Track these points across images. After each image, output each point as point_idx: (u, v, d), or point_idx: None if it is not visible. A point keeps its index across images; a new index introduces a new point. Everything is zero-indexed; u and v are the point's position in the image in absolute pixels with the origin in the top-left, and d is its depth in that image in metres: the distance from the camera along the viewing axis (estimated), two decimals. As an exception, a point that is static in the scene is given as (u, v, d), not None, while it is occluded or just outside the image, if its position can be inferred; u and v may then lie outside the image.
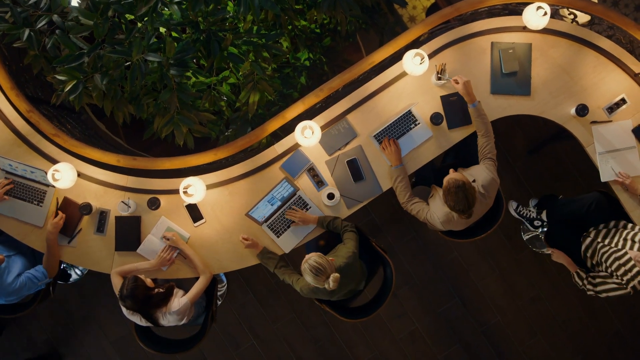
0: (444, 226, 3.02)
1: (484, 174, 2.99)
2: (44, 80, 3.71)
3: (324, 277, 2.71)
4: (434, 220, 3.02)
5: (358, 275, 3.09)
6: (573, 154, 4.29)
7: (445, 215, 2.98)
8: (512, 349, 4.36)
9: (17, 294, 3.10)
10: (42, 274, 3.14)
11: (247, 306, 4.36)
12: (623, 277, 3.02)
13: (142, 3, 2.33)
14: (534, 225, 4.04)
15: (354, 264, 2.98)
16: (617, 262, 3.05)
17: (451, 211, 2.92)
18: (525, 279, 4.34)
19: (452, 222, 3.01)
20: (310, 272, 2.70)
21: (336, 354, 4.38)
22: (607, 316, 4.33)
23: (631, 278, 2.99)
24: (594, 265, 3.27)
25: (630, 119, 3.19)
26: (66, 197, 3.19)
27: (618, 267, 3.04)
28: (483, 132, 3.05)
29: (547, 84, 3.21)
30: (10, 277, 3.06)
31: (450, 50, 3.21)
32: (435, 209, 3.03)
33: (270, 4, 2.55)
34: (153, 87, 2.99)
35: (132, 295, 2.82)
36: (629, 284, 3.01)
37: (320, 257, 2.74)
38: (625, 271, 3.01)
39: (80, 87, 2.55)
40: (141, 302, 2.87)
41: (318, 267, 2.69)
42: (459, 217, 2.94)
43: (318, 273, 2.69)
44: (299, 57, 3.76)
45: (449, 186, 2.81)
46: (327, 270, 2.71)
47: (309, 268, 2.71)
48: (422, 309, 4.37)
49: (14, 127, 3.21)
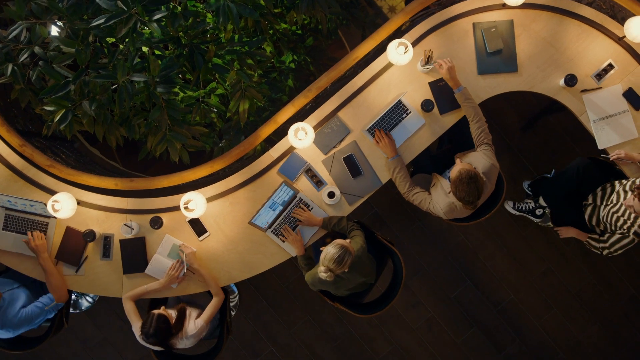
0: (447, 216, 3.02)
1: (482, 160, 2.99)
2: (33, 113, 3.71)
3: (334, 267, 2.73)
4: (437, 210, 3.02)
5: (367, 268, 3.09)
6: (567, 124, 4.29)
7: (448, 205, 2.98)
8: (529, 324, 4.36)
9: (26, 325, 3.08)
10: (49, 299, 3.13)
11: (262, 314, 4.36)
12: (623, 226, 3.04)
13: (121, 25, 2.33)
14: (536, 215, 4.05)
15: (363, 258, 2.98)
16: (616, 216, 3.07)
17: (456, 201, 2.92)
18: (534, 254, 4.34)
19: (455, 211, 3.00)
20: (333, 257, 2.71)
21: (355, 350, 4.38)
22: (619, 282, 4.34)
23: (631, 225, 3.01)
24: (603, 232, 3.28)
25: (620, 83, 3.19)
26: (68, 226, 3.19)
27: (617, 220, 3.06)
28: (472, 116, 3.05)
29: (533, 58, 3.21)
30: (15, 308, 3.05)
31: (433, 36, 3.21)
32: (438, 199, 3.03)
33: (249, 11, 2.55)
34: (142, 107, 2.98)
35: (157, 334, 2.86)
36: (630, 231, 3.03)
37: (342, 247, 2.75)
38: (625, 220, 3.03)
39: (70, 115, 2.55)
40: (165, 337, 2.91)
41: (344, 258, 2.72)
42: (463, 206, 2.93)
43: (339, 262, 2.72)
44: (283, 60, 3.76)
45: (460, 177, 2.78)
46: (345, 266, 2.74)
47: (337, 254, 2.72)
48: (435, 296, 4.37)
49: (9, 162, 3.21)
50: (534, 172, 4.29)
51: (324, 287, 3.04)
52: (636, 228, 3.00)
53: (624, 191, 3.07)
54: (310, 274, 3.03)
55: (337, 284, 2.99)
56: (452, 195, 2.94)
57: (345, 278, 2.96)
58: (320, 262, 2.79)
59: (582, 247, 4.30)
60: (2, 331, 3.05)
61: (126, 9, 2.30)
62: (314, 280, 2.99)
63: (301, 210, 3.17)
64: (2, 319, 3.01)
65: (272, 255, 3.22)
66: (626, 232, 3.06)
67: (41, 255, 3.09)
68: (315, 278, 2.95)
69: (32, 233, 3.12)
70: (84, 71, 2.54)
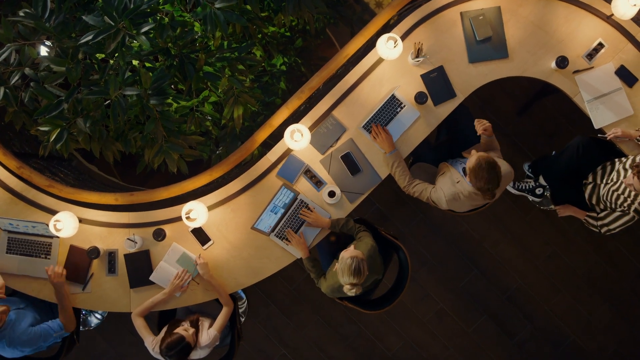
0: (448, 204, 3.01)
1: (504, 165, 2.96)
2: (29, 134, 3.71)
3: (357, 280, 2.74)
4: (439, 198, 3.01)
5: (379, 267, 3.10)
6: (562, 106, 4.29)
7: (452, 195, 2.97)
8: (538, 309, 4.36)
9: (32, 345, 3.04)
10: (59, 326, 3.10)
11: (271, 317, 4.36)
12: (623, 204, 3.04)
13: (109, 40, 2.33)
14: (536, 194, 4.05)
15: (375, 256, 3.00)
16: (616, 194, 3.07)
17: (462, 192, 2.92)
18: (538, 238, 4.34)
19: (457, 202, 3.00)
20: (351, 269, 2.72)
21: (367, 347, 4.38)
22: (625, 260, 4.34)
23: (631, 202, 3.01)
24: (603, 210, 3.28)
25: (611, 61, 3.19)
26: (72, 245, 3.19)
27: (618, 198, 3.07)
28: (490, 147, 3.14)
29: (523, 42, 3.21)
30: (22, 327, 3.02)
31: (421, 28, 3.21)
32: (443, 186, 3.02)
33: (236, 17, 2.55)
34: (137, 121, 2.99)
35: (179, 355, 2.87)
36: (630, 208, 3.03)
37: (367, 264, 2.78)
38: (625, 198, 3.04)
39: (65, 134, 2.55)
40: (186, 355, 2.93)
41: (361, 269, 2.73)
42: (466, 197, 2.93)
43: (356, 273, 2.73)
44: (274, 63, 3.76)
45: (480, 164, 2.76)
46: (362, 278, 2.75)
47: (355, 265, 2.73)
48: (443, 287, 4.37)
49: (7, 185, 3.21)
50: (532, 156, 4.29)
51: (342, 294, 3.05)
52: (636, 205, 3.00)
53: (624, 169, 3.07)
54: (327, 285, 3.04)
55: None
56: (460, 186, 2.94)
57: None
58: (341, 280, 2.79)
59: (586, 227, 4.30)
60: (9, 349, 3.04)
61: (113, 23, 2.30)
62: (332, 290, 3.01)
63: (308, 212, 3.17)
64: (10, 336, 2.99)
65: (277, 259, 3.22)
66: (626, 209, 3.07)
67: (60, 291, 3.07)
68: (334, 288, 2.97)
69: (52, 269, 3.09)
70: (76, 89, 2.54)
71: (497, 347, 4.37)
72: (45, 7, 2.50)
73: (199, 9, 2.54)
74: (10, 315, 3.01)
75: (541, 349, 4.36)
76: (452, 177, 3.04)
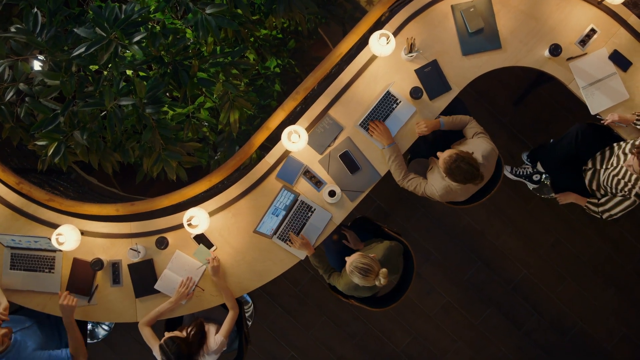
0: (442, 198, 3.03)
1: (483, 145, 2.99)
2: (26, 150, 3.70)
3: (373, 276, 2.74)
4: (433, 192, 3.02)
5: (396, 265, 3.10)
6: (558, 94, 4.29)
7: (444, 189, 2.99)
8: (545, 298, 4.36)
9: None
10: (67, 356, 3.02)
11: (278, 320, 4.36)
12: (624, 189, 3.04)
13: (102, 51, 2.33)
14: (533, 180, 4.05)
15: (393, 255, 3.01)
16: (617, 179, 3.07)
17: (452, 184, 2.93)
18: (541, 227, 4.34)
19: (451, 194, 3.01)
20: (359, 274, 2.74)
21: (376, 345, 4.38)
22: (629, 244, 4.34)
23: (632, 186, 3.01)
24: (603, 196, 3.29)
25: (604, 46, 3.19)
26: (75, 257, 3.19)
27: (618, 183, 3.07)
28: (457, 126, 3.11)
29: (515, 32, 3.21)
30: (28, 351, 2.95)
31: (413, 23, 3.21)
32: (434, 182, 3.04)
33: (227, 22, 2.55)
34: (134, 130, 2.99)
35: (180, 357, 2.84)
36: (631, 193, 3.04)
37: (364, 257, 2.78)
38: (625, 183, 3.04)
39: (63, 147, 2.55)
40: (187, 357, 2.90)
41: (366, 267, 2.74)
42: (458, 187, 2.94)
43: (367, 273, 2.73)
44: (267, 66, 3.76)
45: (449, 163, 2.79)
46: (374, 269, 2.75)
47: (358, 270, 2.74)
48: (448, 280, 4.37)
49: (8, 202, 3.20)
50: (530, 145, 4.29)
51: (360, 293, 3.05)
52: (637, 189, 3.00)
53: (624, 154, 3.07)
54: (344, 283, 3.03)
55: (375, 287, 2.97)
56: (448, 179, 2.96)
57: None
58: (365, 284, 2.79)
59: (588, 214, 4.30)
60: None
61: (105, 34, 2.30)
62: (349, 287, 3.01)
63: (294, 239, 3.15)
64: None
65: (281, 261, 3.22)
66: (627, 194, 3.07)
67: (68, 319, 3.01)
68: (351, 285, 2.97)
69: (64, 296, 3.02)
70: (72, 102, 2.54)
71: (505, 338, 4.37)
72: (37, 21, 2.50)
73: (190, 16, 2.54)
74: (15, 337, 2.94)
75: (549, 337, 4.36)
76: (440, 171, 3.05)
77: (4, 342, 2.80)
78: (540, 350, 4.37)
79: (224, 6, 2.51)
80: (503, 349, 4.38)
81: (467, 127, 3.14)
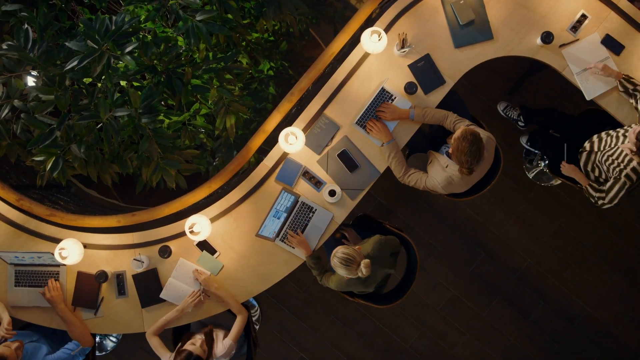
0: (444, 190, 3.03)
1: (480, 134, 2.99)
2: (25, 166, 3.70)
3: (355, 266, 2.74)
4: (435, 185, 3.03)
5: (389, 261, 3.10)
6: (552, 82, 4.29)
7: (446, 179, 2.99)
8: (550, 285, 4.36)
9: None
10: (74, 344, 3.10)
11: (285, 322, 4.36)
12: (616, 169, 3.07)
13: (95, 64, 2.33)
14: (519, 126, 4.11)
15: (383, 249, 3.00)
16: (611, 159, 3.09)
17: (453, 174, 2.93)
18: (543, 215, 4.34)
19: (452, 185, 3.01)
20: (341, 264, 2.75)
21: (385, 342, 4.38)
22: (631, 227, 4.34)
23: (623, 167, 3.02)
24: (597, 178, 3.29)
25: (596, 31, 3.19)
26: (79, 271, 3.18)
27: (612, 163, 3.09)
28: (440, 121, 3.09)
29: (506, 22, 3.21)
30: (39, 357, 3.01)
31: (404, 19, 3.21)
32: (435, 174, 3.04)
33: (218, 27, 2.55)
34: (131, 141, 2.98)
35: None
36: (621, 174, 3.05)
37: (347, 247, 2.78)
38: (618, 163, 3.06)
39: (61, 162, 2.55)
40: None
41: (347, 257, 2.74)
42: (460, 178, 2.94)
43: (348, 263, 2.74)
44: (261, 69, 3.76)
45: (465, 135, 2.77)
46: (356, 259, 2.74)
47: (339, 261, 2.75)
48: (453, 273, 4.37)
49: (9, 219, 3.20)
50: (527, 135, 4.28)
51: (352, 288, 3.05)
52: (628, 171, 3.01)
53: (623, 135, 3.08)
54: (335, 280, 3.03)
55: (367, 281, 3.00)
56: (449, 169, 2.96)
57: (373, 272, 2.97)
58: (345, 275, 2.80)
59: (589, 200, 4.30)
60: None
61: (97, 47, 2.30)
62: (341, 284, 3.01)
63: (291, 237, 3.16)
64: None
65: (284, 263, 3.22)
66: (618, 174, 3.08)
67: (58, 307, 3.09)
68: (343, 281, 2.97)
69: (48, 284, 3.11)
70: (67, 115, 2.54)
71: (513, 328, 4.37)
72: (28, 37, 2.50)
73: (181, 23, 2.54)
74: (25, 348, 3.01)
75: (556, 325, 4.36)
76: (440, 162, 3.06)
77: (18, 355, 2.83)
78: (549, 338, 4.37)
79: (214, 12, 2.51)
80: (511, 339, 4.38)
81: (448, 121, 3.09)
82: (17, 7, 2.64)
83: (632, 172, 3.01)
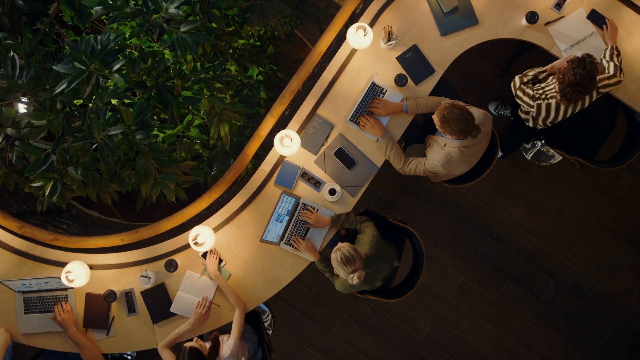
0: (445, 168, 3.02)
1: (474, 113, 2.99)
2: (23, 193, 3.70)
3: (352, 268, 2.72)
4: (434, 165, 3.03)
5: (388, 254, 3.10)
6: (542, 60, 4.27)
7: (445, 157, 3.00)
8: (559, 264, 4.36)
9: None
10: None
11: (297, 325, 4.36)
12: (537, 92, 3.17)
13: (84, 85, 2.33)
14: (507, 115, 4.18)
15: (380, 246, 2.99)
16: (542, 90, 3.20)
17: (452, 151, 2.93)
18: (544, 194, 4.34)
19: (452, 163, 3.01)
20: (340, 261, 2.73)
21: (398, 335, 4.38)
22: (634, 198, 4.34)
23: (540, 95, 3.16)
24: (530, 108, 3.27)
25: (581, 7, 3.20)
26: (87, 292, 3.18)
27: (538, 89, 3.18)
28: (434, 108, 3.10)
29: (490, 5, 3.21)
30: None
31: (388, 12, 3.21)
32: (434, 154, 3.05)
33: (204, 37, 2.55)
34: (127, 158, 2.98)
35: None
36: (542, 97, 3.15)
37: (353, 248, 2.77)
38: (545, 92, 3.17)
39: (59, 185, 2.56)
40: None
41: (349, 256, 2.73)
42: (459, 155, 2.94)
43: (348, 263, 2.72)
44: (250, 75, 3.76)
45: (441, 115, 2.82)
46: (357, 262, 2.73)
47: (340, 256, 2.73)
48: (460, 261, 4.37)
49: (12, 247, 3.20)
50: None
51: (357, 288, 3.04)
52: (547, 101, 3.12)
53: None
54: (339, 283, 3.04)
55: (368, 279, 2.99)
56: (448, 147, 2.96)
57: (372, 270, 2.97)
58: (343, 276, 2.79)
59: (589, 174, 4.30)
60: None
61: (84, 67, 2.31)
62: (345, 286, 3.01)
63: (309, 213, 3.17)
64: None
65: (291, 266, 3.22)
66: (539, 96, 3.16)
67: (69, 330, 3.08)
68: (346, 284, 2.96)
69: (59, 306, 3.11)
70: (61, 139, 2.54)
71: (525, 309, 4.37)
72: (15, 64, 2.50)
73: (166, 36, 2.54)
74: None
75: (569, 302, 4.36)
76: (439, 143, 3.07)
77: None
78: (562, 316, 4.37)
79: (198, 22, 2.51)
80: (525, 321, 4.38)
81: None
82: (1, 35, 2.64)
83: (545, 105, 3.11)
